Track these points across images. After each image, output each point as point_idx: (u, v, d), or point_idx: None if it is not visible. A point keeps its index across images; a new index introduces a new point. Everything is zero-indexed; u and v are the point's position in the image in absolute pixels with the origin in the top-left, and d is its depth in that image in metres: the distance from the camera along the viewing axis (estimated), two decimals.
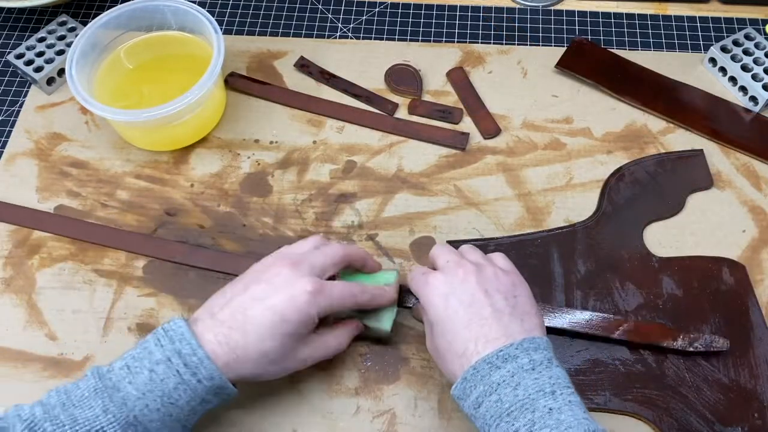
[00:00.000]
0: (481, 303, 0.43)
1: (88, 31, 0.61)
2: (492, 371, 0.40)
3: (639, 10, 0.72)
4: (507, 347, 0.40)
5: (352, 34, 0.71)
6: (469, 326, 0.42)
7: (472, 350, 0.41)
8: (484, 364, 0.40)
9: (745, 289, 0.54)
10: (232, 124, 0.65)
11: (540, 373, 0.40)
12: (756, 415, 0.49)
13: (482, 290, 0.43)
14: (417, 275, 0.47)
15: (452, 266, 0.45)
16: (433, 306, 0.44)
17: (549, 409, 0.38)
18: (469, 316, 0.42)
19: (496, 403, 0.39)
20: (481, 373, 0.40)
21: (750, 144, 0.62)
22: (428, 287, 0.45)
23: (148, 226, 0.59)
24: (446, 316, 0.43)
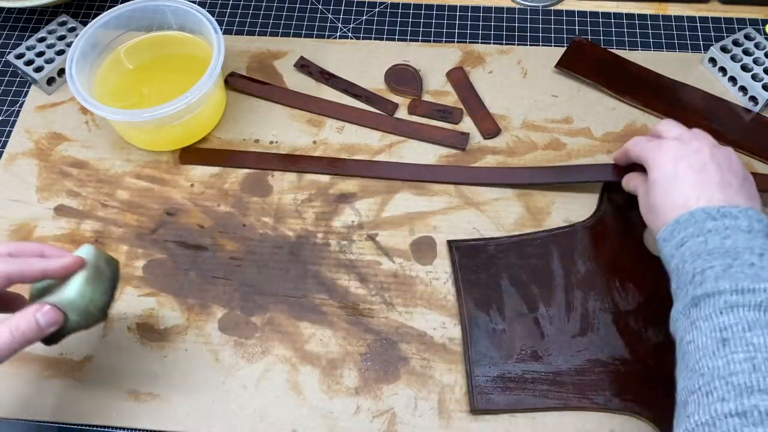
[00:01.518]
0: (711, 172, 0.44)
1: (88, 31, 0.61)
2: (707, 220, 0.41)
3: (639, 10, 0.72)
4: (729, 207, 0.42)
5: (352, 34, 0.71)
6: (695, 185, 0.44)
7: (693, 203, 0.43)
8: (701, 212, 0.42)
9: None
10: (232, 124, 0.65)
11: (755, 237, 0.40)
12: None
13: (715, 163, 0.45)
14: (641, 140, 0.49)
15: (687, 137, 0.47)
16: (662, 166, 0.46)
17: (751, 264, 0.38)
18: (697, 178, 0.44)
19: (700, 244, 0.40)
20: (696, 218, 0.41)
21: (750, 144, 0.62)
22: (660, 150, 0.47)
23: (148, 226, 0.59)
24: (674, 175, 0.45)
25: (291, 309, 0.55)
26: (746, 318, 0.37)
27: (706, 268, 0.39)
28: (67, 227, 0.59)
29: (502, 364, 0.51)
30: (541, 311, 0.53)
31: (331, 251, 0.57)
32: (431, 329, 0.54)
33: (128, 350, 0.53)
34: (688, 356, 0.38)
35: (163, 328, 0.54)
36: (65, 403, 0.51)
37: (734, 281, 0.38)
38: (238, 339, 0.54)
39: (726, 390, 0.35)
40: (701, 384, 0.36)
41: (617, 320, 0.53)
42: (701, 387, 0.36)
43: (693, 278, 0.40)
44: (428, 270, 0.56)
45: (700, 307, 0.39)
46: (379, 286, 0.56)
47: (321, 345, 0.53)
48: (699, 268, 0.40)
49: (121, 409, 0.51)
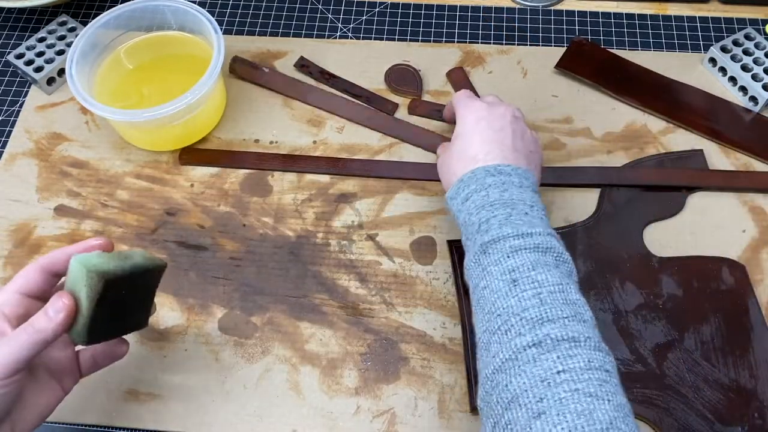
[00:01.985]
0: (505, 134, 0.49)
1: (88, 31, 0.61)
2: (486, 176, 0.46)
3: (639, 10, 0.72)
4: (505, 165, 0.47)
5: (352, 34, 0.71)
6: (488, 141, 0.48)
7: (481, 158, 0.48)
8: (481, 170, 0.47)
9: (745, 289, 0.54)
10: (232, 124, 0.65)
11: (525, 191, 0.46)
12: (756, 415, 0.49)
13: (511, 129, 0.50)
14: (462, 97, 0.53)
15: (497, 104, 0.52)
16: (466, 121, 0.50)
17: (525, 213, 0.44)
18: (492, 135, 0.49)
19: (483, 197, 0.45)
20: (477, 176, 0.47)
21: (750, 144, 0.62)
22: (468, 107, 0.51)
23: (148, 226, 0.59)
24: (473, 130, 0.49)
25: (291, 309, 0.55)
26: (529, 259, 0.41)
27: (490, 217, 0.44)
28: (67, 227, 0.59)
29: None
30: None
31: (331, 251, 0.57)
32: (431, 329, 0.54)
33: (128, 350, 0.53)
34: (483, 300, 0.42)
35: (163, 328, 0.54)
36: (65, 403, 0.51)
37: (515, 227, 0.43)
38: (238, 339, 0.54)
39: (521, 325, 0.39)
40: (500, 324, 0.40)
41: (617, 320, 0.53)
42: (500, 327, 0.40)
43: (479, 227, 0.44)
44: (428, 270, 0.56)
45: (489, 253, 0.43)
46: (379, 286, 0.56)
47: (321, 345, 0.53)
48: (484, 218, 0.44)
49: (121, 409, 0.51)
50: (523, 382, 0.37)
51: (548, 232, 0.43)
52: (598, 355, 0.37)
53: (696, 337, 0.52)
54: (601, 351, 0.38)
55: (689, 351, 0.51)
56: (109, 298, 0.39)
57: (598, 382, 0.36)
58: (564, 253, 0.43)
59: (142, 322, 0.45)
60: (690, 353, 0.51)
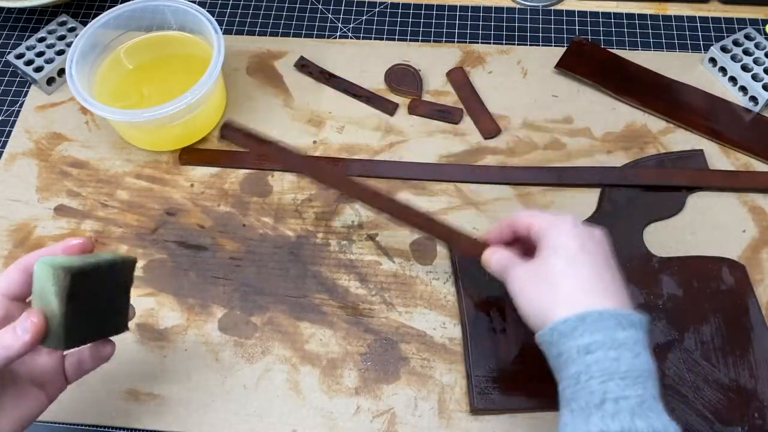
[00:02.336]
0: (607, 267, 0.42)
1: (88, 31, 0.61)
2: (617, 329, 0.38)
3: (639, 10, 0.72)
4: (632, 314, 0.40)
5: (352, 34, 0.71)
6: (594, 272, 0.41)
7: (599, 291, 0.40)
8: (610, 316, 0.39)
9: (745, 289, 0.54)
10: None
11: (649, 355, 0.39)
12: (756, 415, 0.49)
13: (610, 262, 0.43)
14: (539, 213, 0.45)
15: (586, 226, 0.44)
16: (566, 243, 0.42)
17: (654, 397, 0.37)
18: (602, 268, 0.42)
19: (613, 361, 0.37)
20: (606, 323, 0.38)
21: (750, 144, 0.62)
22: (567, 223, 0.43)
23: (148, 226, 0.59)
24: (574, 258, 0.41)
25: (291, 309, 0.55)
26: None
27: (619, 397, 0.37)
28: (67, 227, 0.59)
29: (502, 364, 0.51)
30: None
31: (331, 251, 0.57)
32: (431, 329, 0.54)
33: (128, 350, 0.53)
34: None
35: (163, 328, 0.54)
36: (65, 403, 0.51)
37: (648, 422, 0.36)
38: (238, 339, 0.54)
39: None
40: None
41: None
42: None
43: (603, 404, 0.37)
44: (428, 270, 0.56)
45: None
46: (379, 286, 0.56)
47: (321, 345, 0.53)
48: (612, 395, 0.37)
49: (121, 409, 0.51)
50: None
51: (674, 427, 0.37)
52: None
53: (696, 337, 0.52)
54: None
55: (689, 351, 0.51)
56: (79, 294, 0.38)
57: None
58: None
59: (121, 324, 0.42)
60: (690, 353, 0.51)
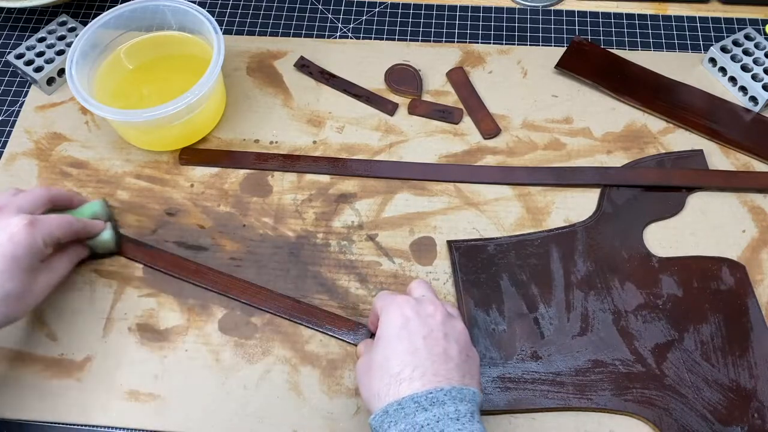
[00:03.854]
0: (436, 340, 0.42)
1: (88, 31, 0.61)
2: (417, 412, 0.39)
3: (639, 10, 0.72)
4: (438, 391, 0.39)
5: (352, 34, 0.71)
6: (414, 353, 0.41)
7: (406, 376, 0.40)
8: (411, 402, 0.39)
9: (745, 289, 0.54)
10: (232, 124, 0.65)
11: (463, 425, 0.39)
12: (756, 415, 0.49)
13: (443, 332, 0.43)
14: (387, 293, 0.47)
15: (426, 301, 0.45)
16: (391, 322, 0.43)
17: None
18: (419, 345, 0.42)
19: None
20: (405, 410, 0.39)
21: (750, 144, 0.62)
22: (395, 304, 0.44)
23: (148, 226, 0.59)
24: (398, 336, 0.42)
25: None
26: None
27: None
28: None
29: (502, 364, 0.51)
30: (540, 311, 0.53)
31: (331, 251, 0.57)
32: None
33: (128, 350, 0.53)
34: None
35: (163, 329, 0.54)
36: (65, 403, 0.51)
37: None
38: (239, 339, 0.54)
39: None
40: None
41: (617, 320, 0.53)
42: None
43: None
44: (428, 270, 0.56)
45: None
46: (379, 287, 0.56)
47: (321, 345, 0.53)
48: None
49: (121, 409, 0.51)
50: None
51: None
52: None
53: (696, 337, 0.52)
54: None
55: (689, 351, 0.51)
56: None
57: None
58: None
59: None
60: (690, 353, 0.51)
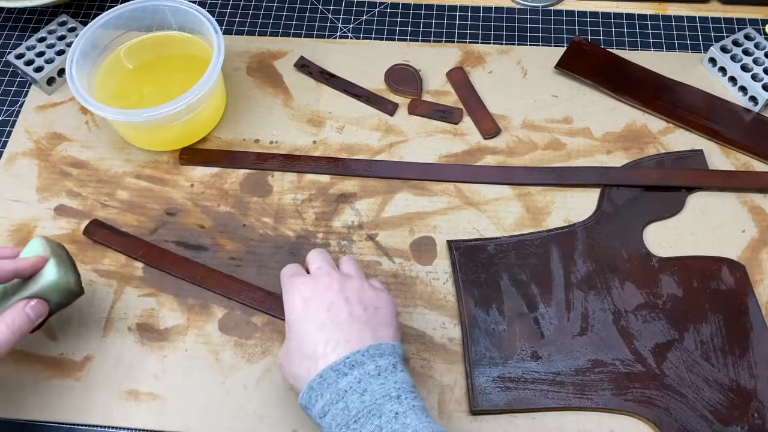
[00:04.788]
0: (338, 308, 0.43)
1: (88, 31, 0.61)
2: (339, 378, 0.40)
3: (639, 10, 0.72)
4: (354, 354, 0.40)
5: (352, 34, 0.71)
6: (322, 329, 0.42)
7: (321, 353, 0.41)
8: (330, 371, 0.40)
9: (745, 289, 0.54)
10: (232, 124, 0.65)
11: (386, 378, 0.40)
12: (756, 415, 0.49)
13: (343, 297, 0.44)
14: (286, 275, 0.47)
15: (321, 273, 0.46)
16: (293, 308, 0.44)
17: (395, 414, 0.38)
18: (324, 319, 0.43)
19: (342, 411, 0.39)
20: (327, 381, 0.40)
21: (750, 144, 0.62)
22: (293, 289, 0.45)
23: (148, 226, 0.59)
24: (303, 318, 0.43)
25: None
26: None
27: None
28: (67, 227, 0.59)
29: (502, 364, 0.51)
30: (540, 311, 0.53)
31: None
32: (431, 329, 0.54)
33: (128, 350, 0.53)
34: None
35: (163, 328, 0.54)
36: (65, 403, 0.51)
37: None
38: (239, 339, 0.54)
39: None
40: None
41: (617, 320, 0.53)
42: None
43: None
44: (428, 270, 0.56)
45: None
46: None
47: None
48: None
49: (121, 409, 0.51)
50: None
51: (425, 424, 0.38)
52: None
53: (696, 337, 0.52)
54: None
55: (689, 351, 0.51)
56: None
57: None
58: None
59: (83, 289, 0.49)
60: (690, 353, 0.51)
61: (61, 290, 0.46)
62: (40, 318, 0.45)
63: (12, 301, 0.45)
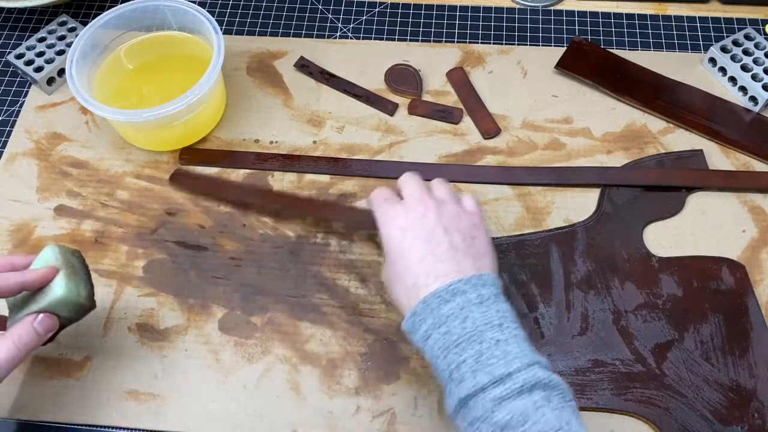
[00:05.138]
0: (438, 239, 0.43)
1: (88, 31, 0.61)
2: (441, 305, 0.40)
3: (639, 10, 0.72)
4: (456, 282, 0.41)
5: (352, 34, 0.71)
6: (422, 260, 0.43)
7: (422, 283, 0.42)
8: (433, 298, 0.41)
9: (745, 289, 0.54)
10: (232, 124, 0.65)
11: (488, 306, 0.40)
12: (756, 415, 0.49)
13: (441, 227, 0.44)
14: (378, 202, 0.47)
15: (415, 200, 0.46)
16: (391, 238, 0.44)
17: (496, 341, 0.39)
18: (424, 251, 0.43)
19: (444, 335, 0.40)
20: (430, 306, 0.41)
21: (750, 144, 0.62)
22: (387, 218, 0.45)
23: (148, 226, 0.59)
24: (401, 249, 0.44)
25: (291, 309, 0.55)
26: (517, 408, 0.36)
27: (459, 362, 0.39)
28: (67, 227, 0.59)
29: None
30: (541, 311, 0.53)
31: (331, 251, 0.57)
32: None
33: (128, 350, 0.53)
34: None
35: (163, 328, 0.54)
36: (65, 403, 0.51)
37: (489, 371, 0.38)
38: (238, 339, 0.54)
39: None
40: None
41: (617, 320, 0.53)
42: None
43: (451, 376, 0.39)
44: None
45: (470, 408, 0.38)
46: (379, 286, 0.56)
47: (321, 345, 0.53)
48: (453, 364, 0.39)
49: (121, 409, 0.51)
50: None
51: (527, 362, 0.38)
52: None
53: (696, 337, 0.52)
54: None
55: (689, 351, 0.51)
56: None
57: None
58: (552, 377, 0.38)
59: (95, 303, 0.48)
60: (690, 353, 0.51)
61: (71, 305, 0.44)
62: (50, 333, 0.44)
63: (23, 314, 0.44)
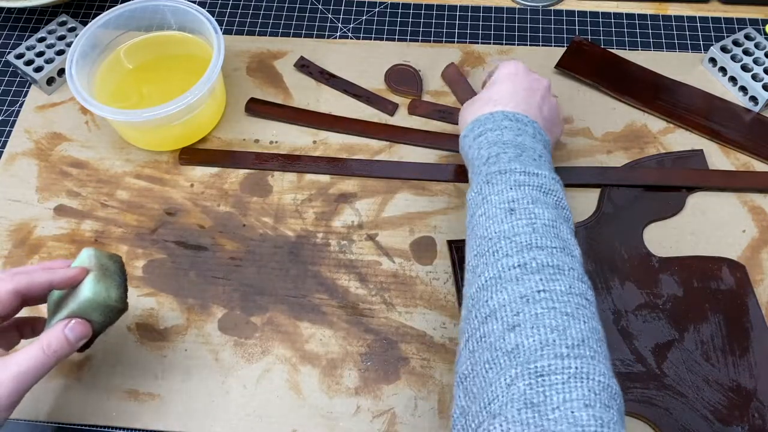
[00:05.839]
0: (535, 95, 0.51)
1: (88, 31, 0.61)
2: (504, 119, 0.48)
3: (639, 10, 0.72)
4: (525, 116, 0.49)
5: (352, 34, 0.71)
6: (515, 94, 0.50)
7: (502, 103, 0.49)
8: (501, 114, 0.49)
9: (745, 289, 0.54)
10: (232, 124, 0.65)
11: (537, 142, 0.48)
12: (756, 415, 0.49)
13: (541, 95, 0.52)
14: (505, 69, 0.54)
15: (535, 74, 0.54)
16: (505, 69, 0.53)
17: (535, 159, 0.46)
18: (522, 90, 0.51)
19: (497, 135, 0.47)
20: (495, 117, 0.48)
21: (750, 144, 0.62)
22: (510, 64, 0.53)
23: (148, 226, 0.59)
24: (505, 79, 0.52)
25: (291, 309, 0.55)
26: (530, 195, 0.43)
27: (500, 153, 0.46)
28: (67, 227, 0.59)
29: None
30: None
31: (331, 251, 0.57)
32: (431, 329, 0.54)
33: (128, 350, 0.53)
34: (478, 227, 0.43)
35: (163, 328, 0.54)
36: (65, 403, 0.51)
37: (523, 165, 0.44)
38: (238, 339, 0.54)
39: (510, 247, 0.40)
40: (489, 246, 0.41)
41: (617, 320, 0.53)
42: (489, 249, 0.41)
43: (488, 160, 0.46)
44: (428, 270, 0.56)
45: (492, 183, 0.44)
46: (379, 286, 0.56)
47: (321, 345, 0.53)
48: (494, 153, 0.46)
49: (121, 409, 0.51)
50: (503, 297, 0.38)
51: (554, 177, 0.45)
52: (579, 285, 0.39)
53: (696, 337, 0.52)
54: (584, 282, 0.40)
55: (689, 351, 0.51)
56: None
57: (576, 305, 0.37)
58: (564, 199, 0.45)
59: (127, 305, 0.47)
60: (690, 353, 0.51)
61: (100, 307, 0.43)
62: (82, 340, 0.43)
63: (56, 319, 0.43)
